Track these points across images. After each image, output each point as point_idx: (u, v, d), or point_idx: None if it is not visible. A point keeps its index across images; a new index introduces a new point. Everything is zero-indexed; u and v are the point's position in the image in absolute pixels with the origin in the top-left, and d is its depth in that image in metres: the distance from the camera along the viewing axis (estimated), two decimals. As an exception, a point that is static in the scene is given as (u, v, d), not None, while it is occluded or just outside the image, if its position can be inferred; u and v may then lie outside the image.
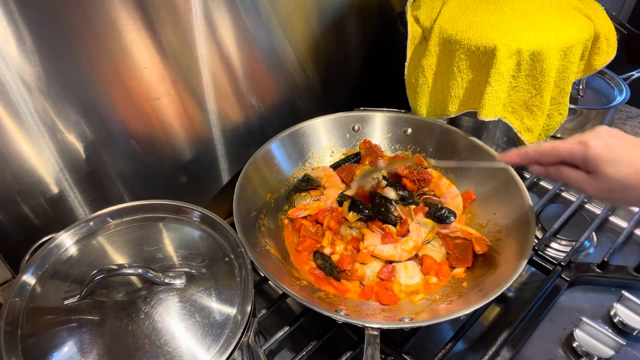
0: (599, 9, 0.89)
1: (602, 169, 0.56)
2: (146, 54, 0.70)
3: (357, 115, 0.99)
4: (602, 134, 0.57)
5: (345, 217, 0.85)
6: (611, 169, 0.56)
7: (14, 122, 0.63)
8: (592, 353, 0.73)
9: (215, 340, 0.56)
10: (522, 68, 0.83)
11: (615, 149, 0.56)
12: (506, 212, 0.83)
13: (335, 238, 0.84)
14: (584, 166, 0.58)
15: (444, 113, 0.94)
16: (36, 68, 0.61)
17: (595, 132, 0.58)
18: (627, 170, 0.55)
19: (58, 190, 0.72)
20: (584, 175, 0.59)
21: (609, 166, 0.56)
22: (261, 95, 0.92)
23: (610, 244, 0.89)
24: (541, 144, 0.62)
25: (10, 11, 0.56)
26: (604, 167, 0.56)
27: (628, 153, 0.56)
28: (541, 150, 0.62)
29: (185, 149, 0.85)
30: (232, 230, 0.69)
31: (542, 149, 0.62)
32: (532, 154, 0.63)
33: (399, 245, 0.81)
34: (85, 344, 0.55)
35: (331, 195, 0.90)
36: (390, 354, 0.74)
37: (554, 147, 0.60)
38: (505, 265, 0.74)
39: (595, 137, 0.57)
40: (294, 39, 0.91)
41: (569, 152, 0.59)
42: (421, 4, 0.95)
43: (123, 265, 0.61)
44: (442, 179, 0.94)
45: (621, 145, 0.56)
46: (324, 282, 0.79)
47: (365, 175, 0.89)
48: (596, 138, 0.57)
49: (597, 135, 0.57)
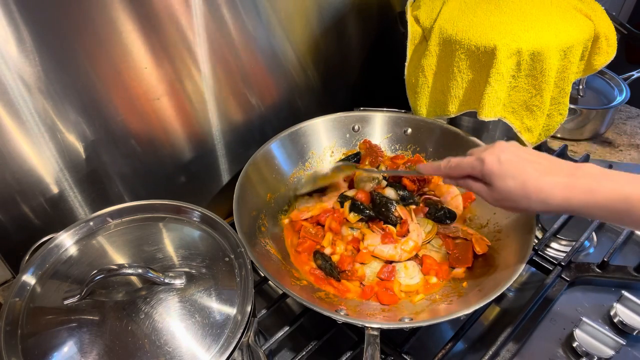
0: (599, 9, 0.89)
1: (494, 182, 0.63)
2: (146, 54, 0.70)
3: (357, 115, 0.99)
4: (496, 151, 0.64)
5: (347, 217, 0.85)
6: (501, 183, 0.62)
7: (14, 122, 0.63)
8: (592, 353, 0.73)
9: (215, 340, 0.56)
10: (522, 68, 0.83)
11: (505, 164, 0.62)
12: (506, 212, 0.83)
13: (336, 238, 0.84)
14: (482, 179, 0.65)
15: (444, 113, 0.94)
16: (36, 68, 0.61)
17: (493, 148, 0.65)
18: (513, 184, 0.61)
19: (58, 190, 0.72)
20: (484, 187, 0.66)
21: (500, 180, 0.62)
22: (261, 95, 0.92)
23: (610, 244, 0.89)
24: (451, 160, 0.69)
25: (10, 11, 0.56)
26: (495, 181, 0.63)
27: (515, 168, 0.62)
28: (450, 165, 0.69)
29: (185, 149, 0.85)
30: (232, 230, 0.69)
31: (451, 164, 0.69)
32: (443, 168, 0.71)
33: (399, 245, 0.81)
34: (85, 344, 0.55)
35: (334, 196, 0.91)
36: (390, 354, 0.74)
37: (459, 164, 0.68)
38: (505, 265, 0.74)
39: (490, 154, 0.64)
40: (294, 39, 0.91)
41: (471, 167, 0.66)
42: (421, 4, 0.95)
43: (123, 265, 0.61)
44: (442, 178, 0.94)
45: (511, 160, 0.62)
46: (324, 282, 0.79)
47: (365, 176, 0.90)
48: (491, 155, 0.63)
49: (492, 152, 0.64)
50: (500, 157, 0.63)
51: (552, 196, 0.59)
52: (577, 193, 0.58)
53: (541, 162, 0.62)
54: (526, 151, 0.64)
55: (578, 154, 1.13)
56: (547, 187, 0.60)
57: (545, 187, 0.60)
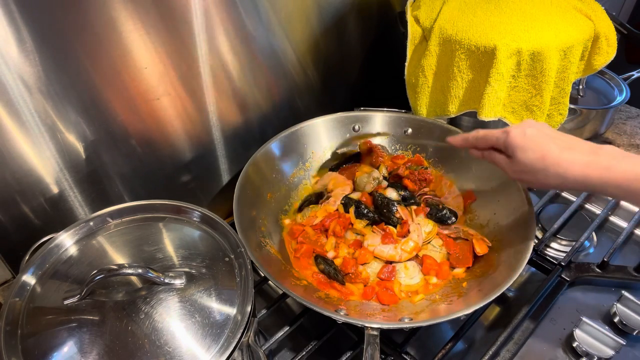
0: (599, 9, 0.89)
1: (516, 154, 0.66)
2: (146, 54, 0.70)
3: (357, 115, 0.99)
4: (523, 125, 0.66)
5: (353, 224, 0.85)
6: (522, 155, 0.65)
7: (14, 122, 0.63)
8: (592, 353, 0.73)
9: (215, 340, 0.56)
10: (522, 68, 0.83)
11: (528, 138, 0.65)
12: (506, 212, 0.83)
13: (339, 242, 0.84)
14: (505, 151, 0.68)
15: (444, 113, 0.94)
16: (36, 68, 0.61)
17: (520, 123, 0.67)
18: (533, 156, 0.64)
19: (58, 190, 0.72)
20: (506, 159, 0.68)
21: (521, 152, 0.65)
22: (261, 95, 0.92)
23: (610, 244, 0.89)
24: (479, 131, 0.72)
25: (10, 11, 0.56)
26: (517, 153, 0.65)
27: (538, 142, 0.64)
28: (478, 136, 0.72)
29: (185, 149, 0.85)
30: (232, 230, 0.69)
31: (478, 135, 0.72)
32: (471, 139, 0.74)
33: (399, 245, 0.81)
34: (85, 344, 0.55)
35: (339, 196, 0.90)
36: (390, 354, 0.74)
37: (485, 135, 0.71)
38: (505, 265, 0.74)
39: (517, 127, 0.66)
40: (294, 39, 0.91)
41: (495, 138, 0.69)
42: (421, 4, 0.95)
43: (123, 265, 0.61)
44: (443, 179, 0.94)
45: (535, 135, 0.65)
46: (327, 286, 0.79)
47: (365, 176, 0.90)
48: (517, 128, 0.66)
49: (519, 126, 0.67)
50: (526, 131, 0.65)
51: (570, 171, 0.61)
52: (595, 170, 0.60)
53: (564, 139, 0.64)
54: (552, 130, 0.66)
55: (578, 154, 1.12)
56: (566, 163, 0.62)
57: (564, 162, 0.62)
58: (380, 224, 0.85)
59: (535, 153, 0.63)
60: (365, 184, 0.92)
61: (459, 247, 0.83)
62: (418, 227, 0.84)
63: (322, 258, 0.81)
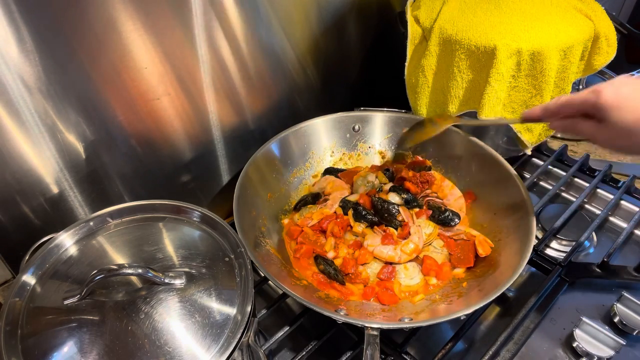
0: (599, 9, 0.89)
1: (610, 116, 0.58)
2: (146, 54, 0.70)
3: (357, 115, 0.99)
4: (616, 83, 0.59)
5: (352, 226, 0.85)
6: (617, 115, 0.57)
7: (14, 122, 0.63)
8: (592, 353, 0.73)
9: (215, 340, 0.56)
10: (522, 68, 0.83)
11: (623, 95, 0.57)
12: (506, 212, 0.83)
13: (338, 242, 0.84)
14: (595, 114, 0.60)
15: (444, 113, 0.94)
16: (36, 68, 0.61)
17: (612, 80, 0.59)
18: (632, 117, 0.57)
19: (58, 190, 0.72)
20: (595, 125, 0.61)
21: (615, 112, 0.57)
22: (261, 95, 0.92)
23: (610, 244, 0.89)
24: (560, 97, 0.65)
25: (10, 11, 0.56)
26: (611, 115, 0.58)
27: (636, 101, 0.57)
28: (560, 102, 0.65)
29: (185, 149, 0.85)
30: (232, 230, 0.69)
31: (561, 101, 0.65)
32: (552, 107, 0.66)
33: (399, 246, 0.81)
34: (85, 344, 0.55)
35: (337, 199, 0.90)
36: (390, 354, 0.74)
37: (570, 98, 0.63)
38: (505, 265, 0.74)
39: (608, 85, 0.59)
40: (294, 39, 0.91)
41: (583, 100, 0.61)
42: (421, 4, 0.95)
43: (123, 265, 0.61)
44: (445, 180, 0.94)
45: (630, 92, 0.57)
46: (327, 286, 0.79)
47: (363, 179, 0.90)
48: (609, 86, 0.58)
49: (611, 83, 0.59)
50: (620, 89, 0.58)
51: None
52: None
53: None
54: None
55: (578, 154, 1.13)
56: None
57: None
58: (380, 225, 0.85)
59: (634, 113, 0.56)
60: (359, 186, 0.92)
61: (460, 247, 0.83)
62: (419, 229, 0.84)
63: (322, 258, 0.81)
